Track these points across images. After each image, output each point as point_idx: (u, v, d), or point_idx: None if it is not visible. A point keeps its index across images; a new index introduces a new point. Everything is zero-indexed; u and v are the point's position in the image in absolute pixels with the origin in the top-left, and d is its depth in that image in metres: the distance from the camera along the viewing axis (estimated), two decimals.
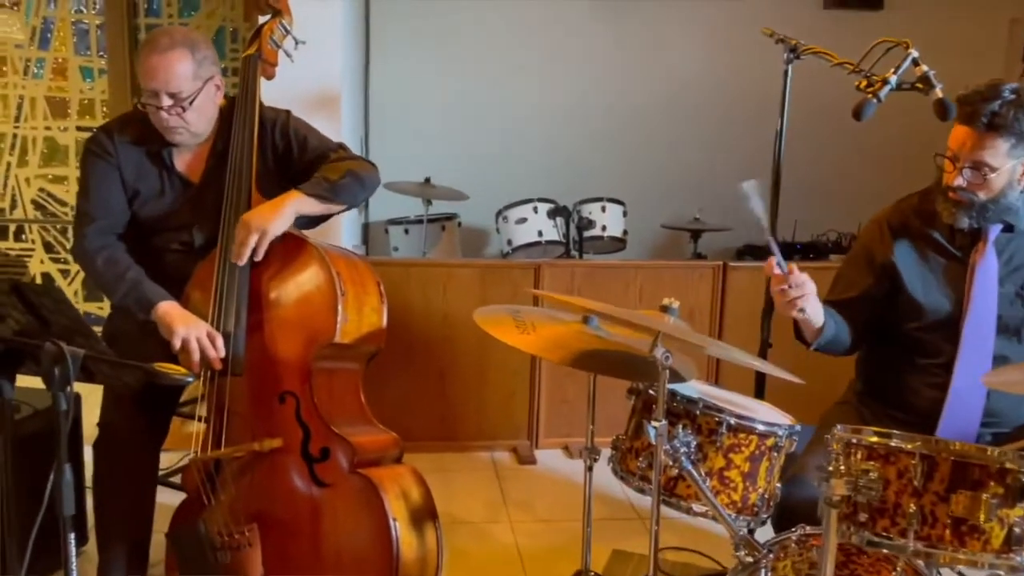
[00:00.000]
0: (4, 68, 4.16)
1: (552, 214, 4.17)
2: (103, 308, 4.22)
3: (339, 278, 2.05)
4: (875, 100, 1.88)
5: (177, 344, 2.00)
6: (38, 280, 4.31)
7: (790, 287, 1.82)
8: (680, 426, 1.75)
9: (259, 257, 2.05)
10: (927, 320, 2.03)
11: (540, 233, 4.15)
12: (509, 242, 4.19)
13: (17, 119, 4.20)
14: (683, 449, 1.71)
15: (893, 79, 1.88)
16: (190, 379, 1.49)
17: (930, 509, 1.38)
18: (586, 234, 4.17)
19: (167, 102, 2.07)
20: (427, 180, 4.25)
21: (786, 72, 2.25)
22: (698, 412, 1.80)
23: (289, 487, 2.01)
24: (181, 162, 2.22)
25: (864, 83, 1.89)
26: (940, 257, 2.05)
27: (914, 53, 1.86)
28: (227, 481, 2.03)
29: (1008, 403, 1.99)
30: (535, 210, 4.16)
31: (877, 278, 2.08)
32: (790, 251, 4.58)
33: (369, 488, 1.96)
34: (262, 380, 2.06)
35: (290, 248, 2.09)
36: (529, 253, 4.12)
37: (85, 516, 2.46)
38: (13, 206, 4.28)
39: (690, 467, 1.72)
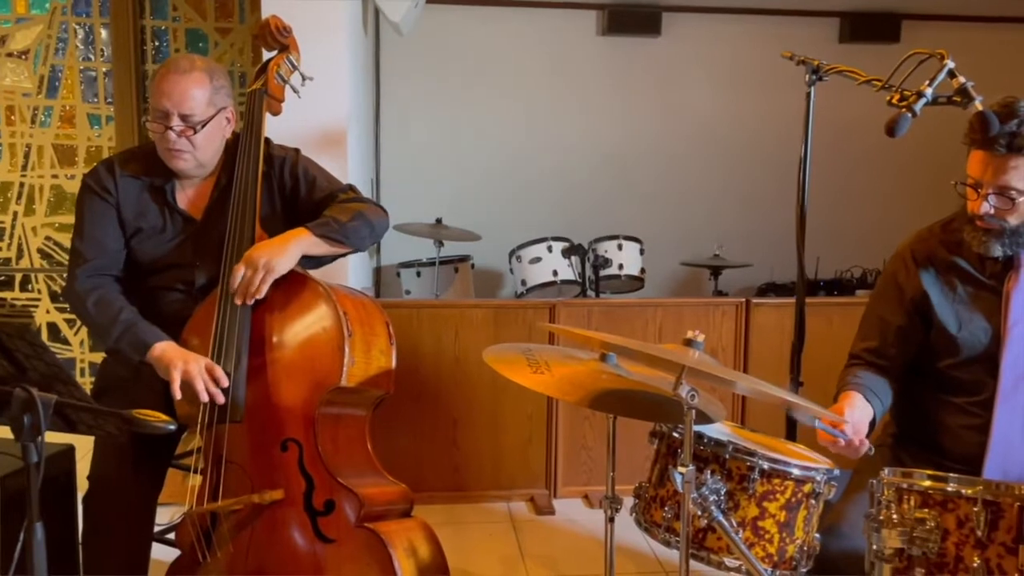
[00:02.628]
0: (12, 117, 4.14)
1: (567, 253, 4.08)
2: None
3: (346, 318, 1.94)
4: (909, 114, 1.77)
5: (177, 379, 1.88)
6: (44, 331, 4.23)
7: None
8: (708, 472, 1.63)
9: (261, 295, 1.95)
10: (962, 356, 1.90)
11: (555, 272, 4.05)
12: (523, 282, 4.10)
13: (24, 168, 4.17)
14: (712, 497, 1.59)
15: (928, 91, 1.77)
16: (171, 427, 1.38)
17: (996, 563, 1.24)
18: (602, 273, 4.07)
19: (177, 124, 2.01)
20: (438, 221, 4.18)
21: (809, 95, 2.16)
22: (728, 456, 1.67)
23: (291, 543, 1.88)
24: (183, 198, 2.15)
25: (897, 97, 1.78)
26: (970, 287, 1.92)
27: (950, 64, 1.75)
28: (224, 537, 1.91)
29: None
30: (549, 249, 4.07)
31: (910, 314, 1.96)
32: (813, 289, 4.45)
33: (376, 544, 1.83)
34: (263, 427, 1.94)
35: (293, 286, 2.00)
36: (544, 293, 4.02)
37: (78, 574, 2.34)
38: (19, 255, 4.23)
39: (721, 517, 1.59)
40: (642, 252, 4.24)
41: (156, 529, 2.11)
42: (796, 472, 1.66)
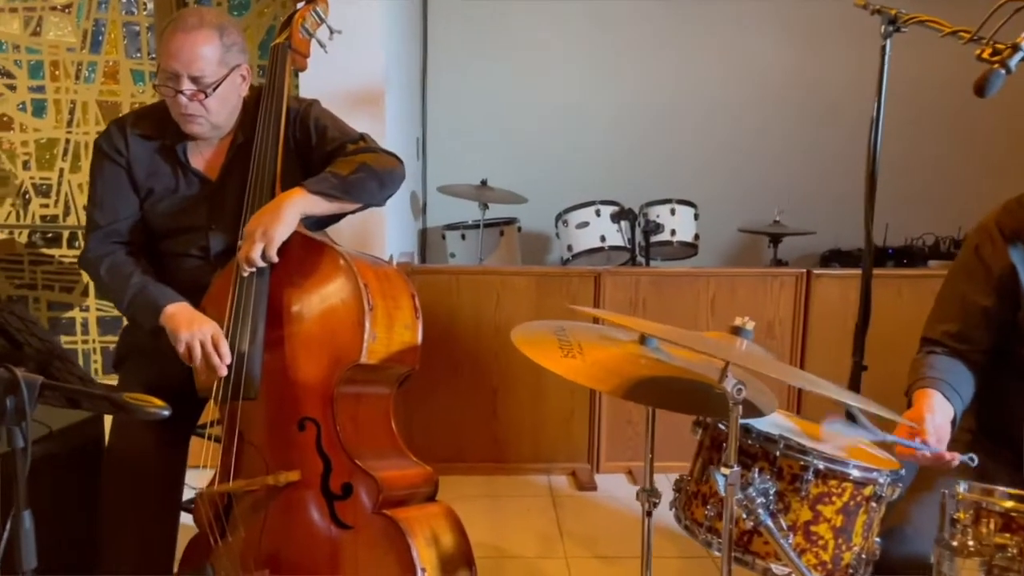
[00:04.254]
0: (57, 72, 4.10)
1: (616, 217, 3.90)
2: None
3: (367, 290, 1.82)
4: (1003, 71, 1.54)
5: (181, 351, 1.81)
6: (91, 289, 4.24)
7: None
8: (756, 470, 1.46)
9: (275, 259, 1.84)
10: None
11: (603, 238, 3.88)
12: (569, 248, 3.94)
13: (69, 124, 4.14)
14: (760, 499, 1.43)
15: None
16: (165, 412, 1.28)
17: None
18: (653, 239, 3.88)
19: (188, 87, 1.89)
20: (483, 182, 4.03)
21: (883, 48, 1.94)
22: (778, 453, 1.50)
23: (306, 527, 1.79)
24: (198, 158, 2.04)
25: (988, 51, 1.55)
26: None
27: None
28: (237, 520, 1.82)
29: None
30: (597, 213, 3.89)
31: (998, 294, 1.75)
32: (881, 258, 4.18)
33: (394, 532, 1.72)
34: (279, 405, 1.84)
35: (312, 256, 1.87)
36: (591, 260, 3.86)
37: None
38: (67, 212, 4.22)
39: (768, 520, 1.43)
40: (696, 217, 4.03)
41: (187, 497, 2.04)
42: (855, 473, 1.49)
